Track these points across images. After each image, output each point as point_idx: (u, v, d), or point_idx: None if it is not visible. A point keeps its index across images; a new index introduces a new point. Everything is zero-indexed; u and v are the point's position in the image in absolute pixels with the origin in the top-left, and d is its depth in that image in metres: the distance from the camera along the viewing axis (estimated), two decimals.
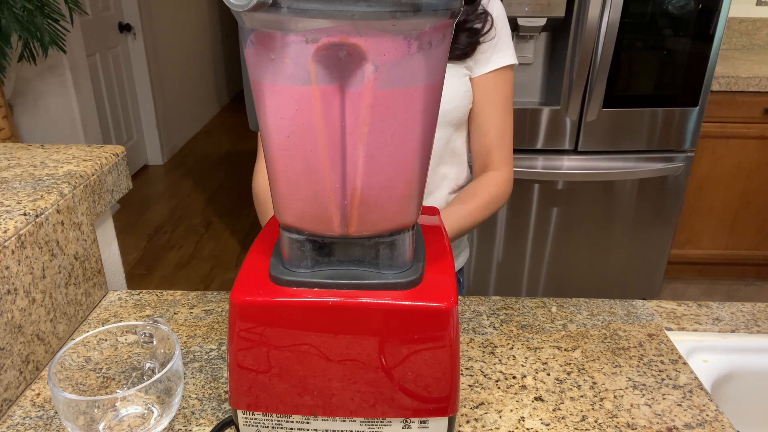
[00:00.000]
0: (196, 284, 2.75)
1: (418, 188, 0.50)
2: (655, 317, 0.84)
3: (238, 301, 0.50)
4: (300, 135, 0.44)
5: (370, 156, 0.45)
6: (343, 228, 0.48)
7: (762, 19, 2.70)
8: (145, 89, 3.97)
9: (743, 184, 2.40)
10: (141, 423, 0.59)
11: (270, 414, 0.55)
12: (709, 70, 1.94)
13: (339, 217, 0.47)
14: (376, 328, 0.50)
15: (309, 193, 0.47)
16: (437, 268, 0.53)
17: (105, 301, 0.87)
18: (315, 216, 0.48)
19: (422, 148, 0.47)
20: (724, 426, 0.64)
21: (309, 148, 0.44)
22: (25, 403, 0.68)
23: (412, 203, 0.49)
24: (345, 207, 0.47)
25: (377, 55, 0.41)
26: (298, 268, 0.51)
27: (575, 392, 0.69)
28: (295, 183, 0.47)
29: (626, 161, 2.06)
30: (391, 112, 0.44)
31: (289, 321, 0.50)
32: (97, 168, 0.87)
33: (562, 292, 2.27)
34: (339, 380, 0.52)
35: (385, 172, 0.46)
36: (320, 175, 0.45)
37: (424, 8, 0.40)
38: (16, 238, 0.67)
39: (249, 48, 0.44)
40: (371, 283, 0.50)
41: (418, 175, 0.48)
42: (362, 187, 0.46)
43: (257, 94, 0.45)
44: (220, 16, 5.56)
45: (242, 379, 0.53)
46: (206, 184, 3.89)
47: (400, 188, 0.47)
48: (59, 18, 2.24)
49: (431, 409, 0.53)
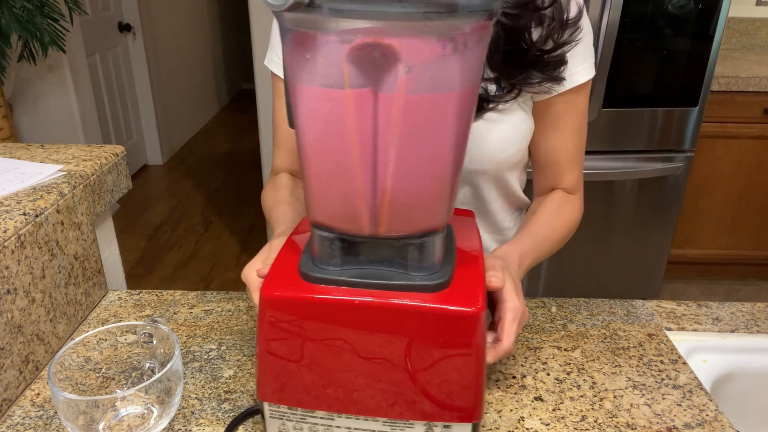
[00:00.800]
0: (196, 284, 2.75)
1: (450, 191, 0.49)
2: (654, 317, 0.84)
3: (268, 296, 0.51)
4: (332, 136, 0.45)
5: (402, 158, 0.44)
6: (372, 228, 0.48)
7: (762, 19, 2.70)
8: (145, 89, 3.97)
9: (743, 184, 2.39)
10: (141, 423, 0.59)
11: (295, 408, 0.55)
12: (709, 70, 1.94)
13: (369, 218, 0.47)
14: (402, 329, 0.50)
15: (340, 192, 0.47)
16: (467, 272, 0.53)
17: (105, 300, 0.87)
18: (345, 215, 0.48)
19: (455, 151, 0.47)
20: (724, 426, 0.64)
21: (340, 148, 0.45)
22: (24, 403, 0.68)
23: (442, 206, 0.49)
24: (375, 207, 0.47)
25: (411, 56, 0.40)
26: (327, 265, 0.52)
27: (575, 392, 0.69)
28: (326, 182, 0.47)
29: (626, 161, 2.06)
30: (424, 115, 0.43)
31: (317, 317, 0.51)
32: (96, 168, 0.87)
33: (562, 291, 2.26)
34: (363, 378, 0.52)
35: (416, 174, 0.46)
36: (351, 176, 0.46)
37: (460, 9, 0.40)
38: (15, 238, 0.67)
39: (286, 48, 0.44)
40: (399, 284, 0.50)
41: (450, 179, 0.48)
42: (392, 188, 0.46)
43: (292, 93, 0.46)
44: (220, 16, 5.56)
45: (269, 371, 0.54)
46: (206, 184, 3.89)
47: (430, 191, 0.47)
48: (59, 18, 2.24)
49: (455, 415, 0.53)
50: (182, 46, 4.61)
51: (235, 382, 0.70)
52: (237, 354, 0.75)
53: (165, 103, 4.22)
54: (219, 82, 5.65)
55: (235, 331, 0.80)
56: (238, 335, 0.79)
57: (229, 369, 0.73)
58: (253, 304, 0.67)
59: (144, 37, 3.84)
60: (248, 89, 6.17)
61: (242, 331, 0.80)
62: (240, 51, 6.03)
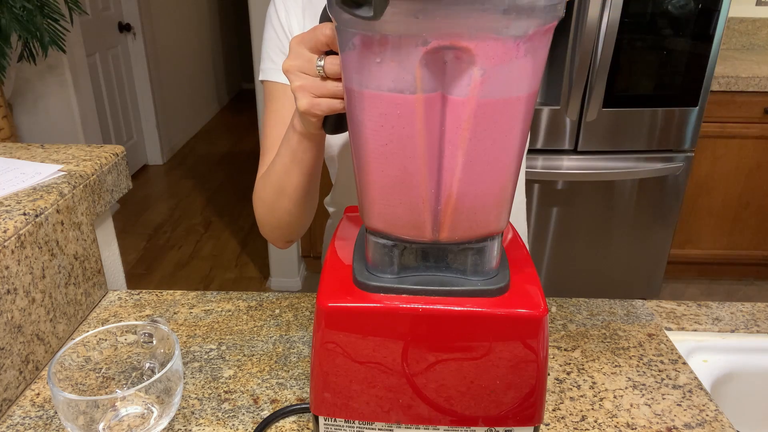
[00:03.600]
0: (196, 284, 2.75)
1: (511, 195, 0.49)
2: (654, 317, 0.84)
3: (325, 307, 0.49)
4: (399, 142, 0.44)
5: (468, 163, 0.44)
6: (435, 234, 0.48)
7: (762, 19, 2.70)
8: (145, 89, 3.97)
9: (743, 184, 2.40)
10: (141, 423, 0.59)
11: (352, 421, 0.54)
12: (708, 70, 1.94)
13: (431, 223, 0.47)
14: (466, 335, 0.49)
15: (403, 199, 0.46)
16: (521, 275, 0.53)
17: (105, 300, 0.87)
18: (407, 222, 0.47)
19: (518, 155, 0.47)
20: (724, 426, 0.64)
21: (407, 155, 0.44)
22: (24, 403, 0.68)
23: (504, 210, 0.49)
24: (438, 213, 0.46)
25: (486, 59, 0.40)
26: (384, 273, 0.51)
27: (575, 392, 0.69)
28: (389, 189, 0.46)
29: (626, 161, 2.06)
30: (494, 119, 0.43)
31: (377, 327, 0.50)
32: (96, 168, 0.87)
33: (562, 291, 2.27)
34: (424, 388, 0.51)
35: (482, 179, 0.45)
36: (416, 182, 0.45)
37: (538, 9, 0.39)
38: (15, 238, 0.67)
39: (350, 52, 0.43)
40: (460, 290, 0.49)
41: (512, 182, 0.48)
42: (458, 193, 0.45)
43: (354, 100, 0.44)
44: (220, 16, 5.56)
45: (326, 385, 0.52)
46: (206, 184, 3.89)
47: (494, 195, 0.47)
48: (59, 18, 2.24)
49: (517, 419, 0.53)
50: (182, 46, 4.61)
51: (235, 382, 0.70)
52: (237, 354, 0.75)
53: (165, 103, 4.22)
54: (219, 82, 5.65)
55: (235, 331, 0.80)
56: (238, 335, 0.79)
57: (229, 369, 0.73)
58: (301, 107, 0.57)
59: (144, 37, 3.84)
60: (248, 89, 6.17)
61: (242, 331, 0.80)
62: (240, 51, 6.04)
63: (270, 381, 0.71)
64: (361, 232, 0.58)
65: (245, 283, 2.76)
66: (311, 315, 0.83)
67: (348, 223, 0.62)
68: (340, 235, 0.60)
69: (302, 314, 0.83)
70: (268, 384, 0.70)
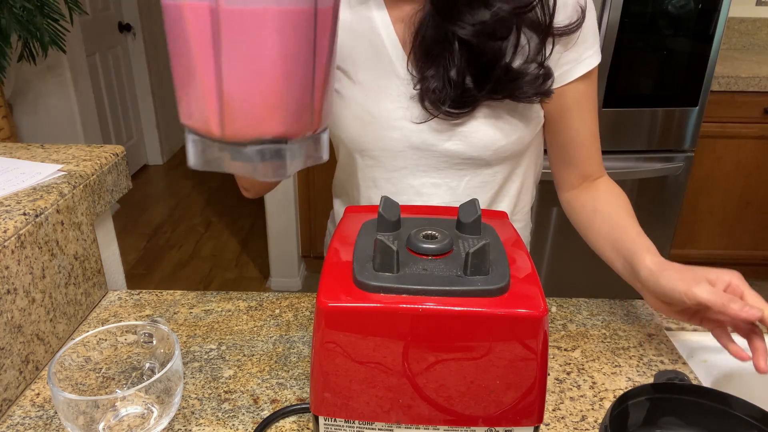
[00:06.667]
0: (196, 284, 2.76)
1: (287, 101, 0.47)
2: (655, 317, 0.84)
3: (325, 307, 0.49)
4: (179, 44, 0.45)
5: (230, 68, 0.45)
6: (221, 130, 0.47)
7: (762, 19, 2.70)
8: (145, 89, 3.97)
9: (743, 184, 2.40)
10: (141, 423, 0.59)
11: (352, 421, 0.54)
12: (709, 70, 1.94)
13: (217, 120, 0.47)
14: (466, 335, 0.49)
15: (194, 96, 0.47)
16: (521, 275, 0.53)
17: (105, 300, 0.87)
18: (200, 117, 0.48)
19: (295, 65, 0.46)
20: None
21: (187, 55, 0.45)
22: (24, 403, 0.68)
23: (278, 114, 0.48)
24: (222, 111, 0.47)
25: None
26: (383, 272, 0.51)
27: (575, 392, 0.69)
28: (184, 89, 0.48)
29: (626, 161, 2.06)
30: (242, 29, 0.43)
31: (377, 327, 0.50)
32: (96, 168, 0.87)
33: (562, 291, 2.26)
34: (424, 388, 0.51)
35: (245, 82, 0.46)
36: (197, 81, 0.46)
37: None
38: (15, 238, 0.67)
39: None
40: (460, 290, 0.49)
41: (285, 90, 0.47)
42: (228, 93, 0.46)
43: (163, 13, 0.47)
44: None
45: (326, 385, 0.52)
46: (206, 184, 3.89)
47: (263, 97, 0.47)
48: (59, 18, 2.24)
49: (517, 419, 0.53)
50: None
51: (235, 382, 0.70)
52: (237, 354, 0.75)
53: (165, 103, 4.22)
54: None
55: (235, 331, 0.80)
56: (238, 335, 0.79)
57: (229, 369, 0.73)
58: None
59: (144, 37, 3.84)
60: None
61: (242, 331, 0.80)
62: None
63: (270, 381, 0.71)
64: (361, 232, 0.58)
65: (245, 283, 2.76)
66: (311, 315, 0.83)
67: (348, 223, 0.62)
68: (340, 235, 0.60)
69: (302, 314, 0.83)
70: (268, 384, 0.70)
